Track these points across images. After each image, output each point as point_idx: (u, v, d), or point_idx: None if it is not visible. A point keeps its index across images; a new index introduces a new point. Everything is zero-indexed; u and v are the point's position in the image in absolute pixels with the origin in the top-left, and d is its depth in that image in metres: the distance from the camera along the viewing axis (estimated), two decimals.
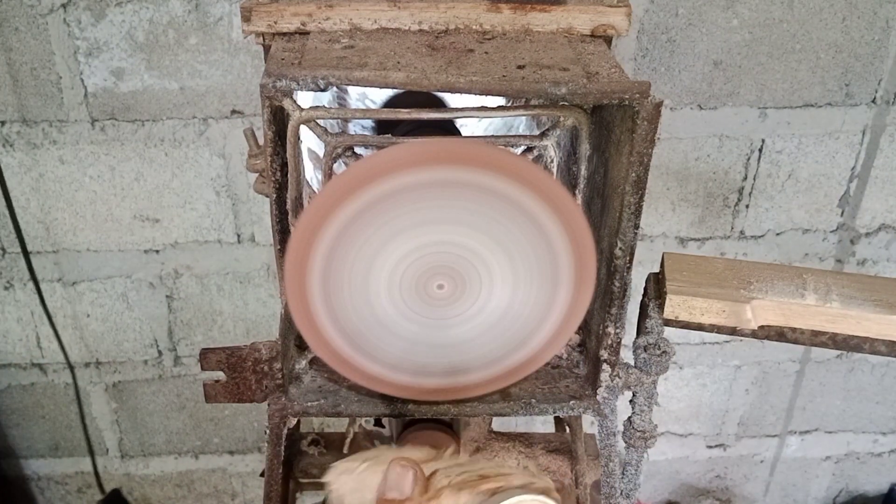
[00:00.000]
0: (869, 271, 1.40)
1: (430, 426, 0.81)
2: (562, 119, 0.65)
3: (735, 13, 1.14)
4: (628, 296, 0.65)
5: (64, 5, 1.09)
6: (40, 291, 1.26)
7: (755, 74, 1.19)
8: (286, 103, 0.61)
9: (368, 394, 0.70)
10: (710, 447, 1.63)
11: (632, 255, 0.63)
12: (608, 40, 0.69)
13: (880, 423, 1.60)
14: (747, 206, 1.31)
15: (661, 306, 0.65)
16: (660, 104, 0.56)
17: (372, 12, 0.66)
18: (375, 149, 0.64)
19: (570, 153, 0.70)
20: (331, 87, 0.60)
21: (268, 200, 0.67)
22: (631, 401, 0.72)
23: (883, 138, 1.26)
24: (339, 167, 0.67)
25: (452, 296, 0.63)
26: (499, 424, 0.92)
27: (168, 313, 1.37)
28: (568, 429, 0.95)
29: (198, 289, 1.34)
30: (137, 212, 1.26)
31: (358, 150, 0.68)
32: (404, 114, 0.63)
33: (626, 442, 0.72)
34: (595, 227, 0.64)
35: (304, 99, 0.67)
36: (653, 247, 1.34)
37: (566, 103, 0.62)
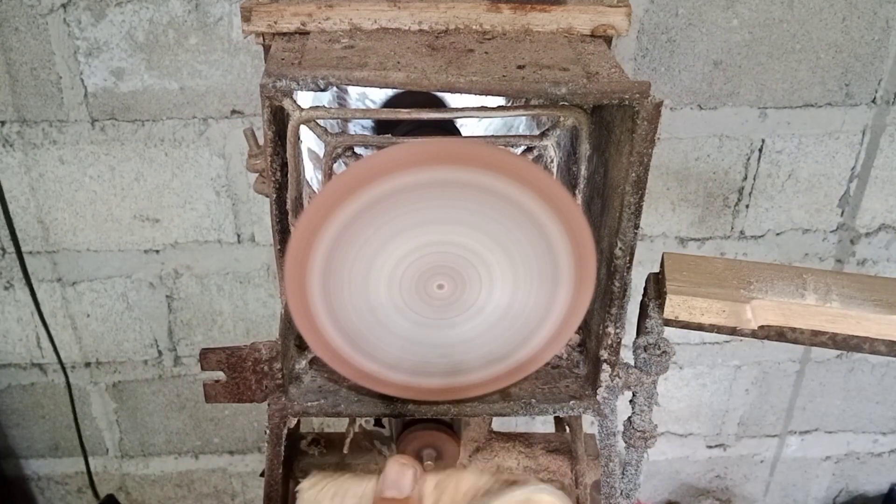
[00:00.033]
0: (869, 271, 1.40)
1: (430, 426, 0.80)
2: (562, 119, 0.65)
3: (735, 13, 1.14)
4: (628, 296, 0.66)
5: (64, 5, 1.09)
6: (34, 292, 1.25)
7: (755, 74, 1.19)
8: (286, 103, 0.61)
9: (368, 394, 0.70)
10: (710, 447, 1.63)
11: (632, 255, 0.63)
12: (608, 40, 0.69)
13: (880, 423, 1.60)
14: (747, 206, 1.31)
15: (661, 306, 0.65)
16: (660, 104, 0.56)
17: (372, 12, 0.66)
18: (375, 149, 0.64)
19: (570, 153, 0.70)
20: (331, 87, 0.60)
21: (268, 200, 0.67)
22: (631, 401, 0.72)
23: (883, 138, 1.26)
24: (339, 167, 0.67)
25: (452, 296, 0.63)
26: (499, 424, 0.92)
27: (168, 313, 1.37)
28: (568, 429, 0.95)
29: (198, 289, 1.34)
30: (137, 212, 1.26)
31: (358, 150, 0.68)
32: (404, 114, 0.63)
33: (626, 442, 0.72)
34: (595, 227, 0.64)
35: (304, 99, 0.67)
36: (653, 247, 1.34)
37: (566, 103, 0.62)
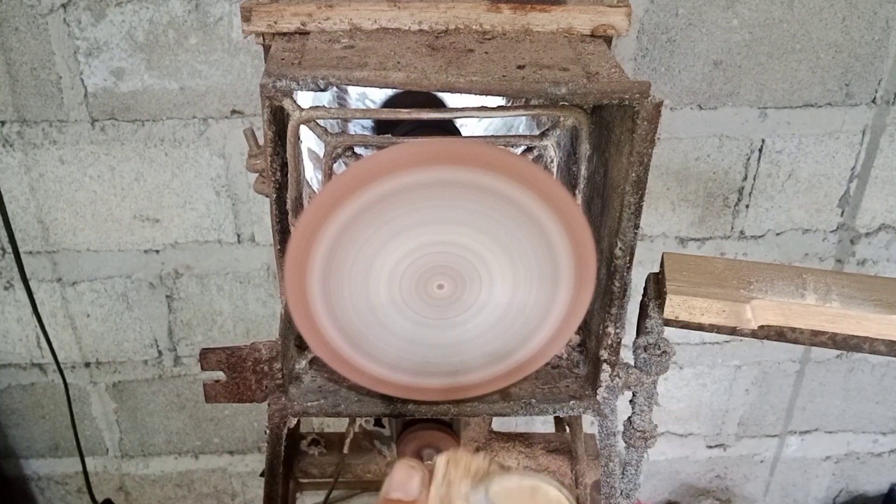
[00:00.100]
0: (869, 271, 1.40)
1: (430, 426, 0.81)
2: (562, 119, 0.65)
3: (735, 13, 1.14)
4: (628, 296, 0.66)
5: (64, 5, 1.09)
6: (31, 292, 1.25)
7: (755, 74, 1.19)
8: (286, 103, 0.61)
9: (368, 394, 0.70)
10: (710, 447, 1.63)
11: (632, 255, 0.63)
12: (608, 40, 0.69)
13: (880, 423, 1.60)
14: (747, 206, 1.31)
15: (661, 306, 0.65)
16: (660, 104, 0.56)
17: (372, 12, 0.66)
18: (375, 149, 0.64)
19: (570, 153, 0.70)
20: (331, 87, 0.60)
21: (268, 200, 0.67)
22: (631, 401, 0.72)
23: (883, 138, 1.26)
24: (339, 167, 0.67)
25: (452, 296, 0.63)
26: (499, 424, 0.92)
27: (168, 313, 1.37)
28: (568, 429, 0.95)
29: (198, 289, 1.34)
30: (137, 212, 1.26)
31: (358, 150, 0.68)
32: (404, 114, 0.63)
33: (626, 442, 0.72)
34: (595, 227, 0.64)
35: (304, 99, 0.67)
36: (653, 247, 1.34)
37: (566, 103, 0.62)
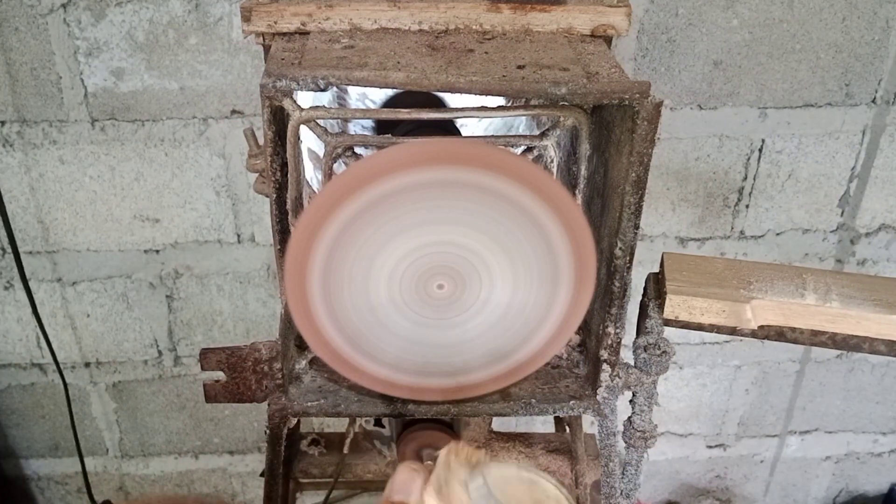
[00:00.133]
0: (869, 271, 1.40)
1: (430, 426, 0.81)
2: (562, 119, 0.65)
3: (735, 13, 1.14)
4: (628, 296, 0.66)
5: (64, 5, 1.09)
6: (30, 292, 1.25)
7: (755, 74, 1.19)
8: (286, 103, 0.61)
9: (368, 394, 0.70)
10: (710, 447, 1.63)
11: (632, 255, 0.63)
12: (608, 40, 0.69)
13: (880, 423, 1.60)
14: (747, 206, 1.31)
15: (661, 306, 0.65)
16: (660, 104, 0.56)
17: (372, 12, 0.66)
18: (375, 149, 0.64)
19: (570, 153, 0.70)
20: (331, 87, 0.60)
21: (268, 200, 0.67)
22: (631, 401, 0.72)
23: (883, 138, 1.26)
24: (339, 167, 0.67)
25: (452, 296, 0.63)
26: (499, 424, 0.92)
27: (168, 313, 1.37)
28: (568, 429, 0.95)
29: (198, 289, 1.34)
30: (137, 212, 1.26)
31: (358, 150, 0.68)
32: (404, 114, 0.63)
33: (626, 442, 0.72)
34: (595, 227, 0.64)
35: (304, 99, 0.67)
36: (653, 247, 1.34)
37: (566, 103, 0.62)
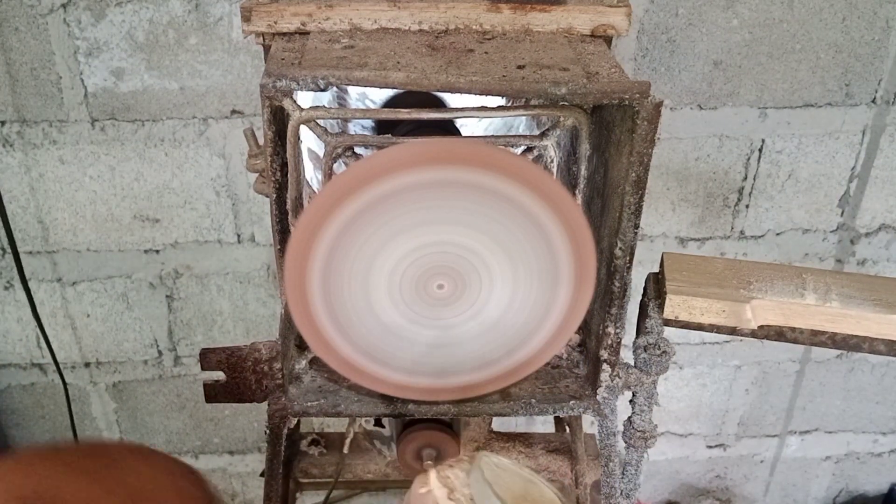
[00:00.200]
0: (869, 271, 1.40)
1: (430, 426, 0.80)
2: (562, 119, 0.65)
3: (735, 13, 1.14)
4: (628, 296, 0.66)
5: (64, 5, 1.09)
6: (30, 292, 1.25)
7: (755, 74, 1.19)
8: (286, 103, 0.61)
9: (368, 394, 0.70)
10: (710, 447, 1.63)
11: (632, 255, 0.63)
12: (608, 40, 0.69)
13: (880, 423, 1.60)
14: (747, 206, 1.31)
15: (661, 306, 0.65)
16: (660, 104, 0.56)
17: (372, 12, 0.66)
18: (375, 149, 0.64)
19: (570, 153, 0.70)
20: (331, 87, 0.60)
21: (268, 200, 0.67)
22: (631, 401, 0.72)
23: (883, 138, 1.26)
24: (339, 167, 0.67)
25: (452, 296, 0.63)
26: (499, 424, 0.92)
27: (168, 313, 1.37)
28: (568, 429, 0.95)
29: (198, 289, 1.34)
30: (137, 212, 1.26)
31: (358, 150, 0.68)
32: (404, 114, 0.63)
33: (626, 442, 0.72)
34: (595, 227, 0.64)
35: (304, 99, 0.67)
36: (653, 247, 1.34)
37: (566, 103, 0.62)
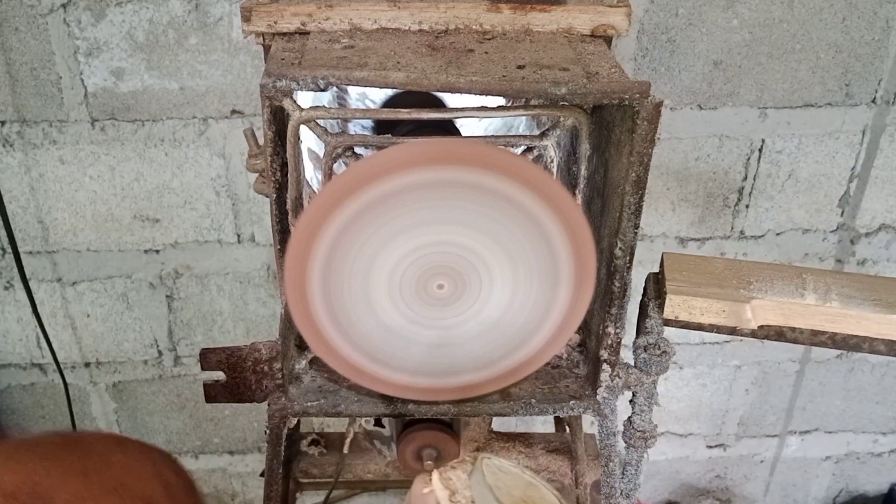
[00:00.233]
0: (869, 271, 1.40)
1: (430, 426, 0.80)
2: (562, 119, 0.65)
3: (735, 13, 1.14)
4: (628, 296, 0.66)
5: (64, 5, 1.09)
6: (30, 292, 1.25)
7: (755, 74, 1.19)
8: (286, 103, 0.61)
9: (368, 394, 0.70)
10: (710, 447, 1.63)
11: (632, 255, 0.63)
12: (608, 40, 0.69)
13: (880, 423, 1.60)
14: (747, 206, 1.31)
15: (661, 306, 0.65)
16: (660, 104, 0.56)
17: (372, 12, 0.66)
18: (375, 149, 0.64)
19: (570, 153, 0.70)
20: (331, 87, 0.60)
21: (268, 200, 0.67)
22: (631, 401, 0.72)
23: (883, 138, 1.26)
24: (339, 167, 0.67)
25: (452, 296, 0.63)
26: (499, 424, 0.92)
27: (168, 313, 1.37)
28: (568, 429, 0.95)
29: (198, 289, 1.34)
30: (137, 212, 1.26)
31: (358, 150, 0.68)
32: (404, 114, 0.63)
33: (626, 442, 0.72)
34: (595, 227, 0.64)
35: (304, 99, 0.67)
36: (653, 247, 1.34)
37: (566, 103, 0.62)
